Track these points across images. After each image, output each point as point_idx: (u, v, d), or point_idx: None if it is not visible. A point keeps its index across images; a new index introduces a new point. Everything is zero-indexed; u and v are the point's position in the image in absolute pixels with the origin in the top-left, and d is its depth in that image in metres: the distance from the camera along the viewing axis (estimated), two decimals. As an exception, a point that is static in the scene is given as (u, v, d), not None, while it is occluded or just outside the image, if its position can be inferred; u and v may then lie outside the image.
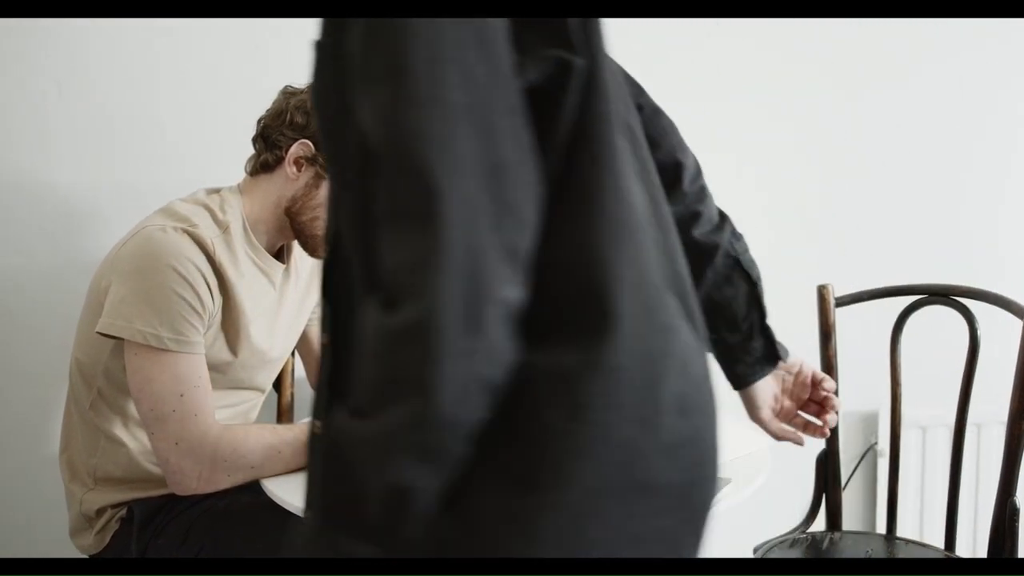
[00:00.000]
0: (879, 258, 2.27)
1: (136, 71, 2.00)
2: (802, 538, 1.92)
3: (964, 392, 1.85)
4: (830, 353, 1.95)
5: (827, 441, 1.98)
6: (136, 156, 2.02)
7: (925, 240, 2.30)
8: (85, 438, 1.63)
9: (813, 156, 2.26)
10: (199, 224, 1.54)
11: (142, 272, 1.47)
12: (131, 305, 1.46)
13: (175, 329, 1.46)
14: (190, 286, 1.48)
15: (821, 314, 1.96)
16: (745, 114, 2.22)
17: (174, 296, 1.46)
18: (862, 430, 2.35)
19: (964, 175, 2.30)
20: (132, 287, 1.47)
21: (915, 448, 2.32)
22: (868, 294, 1.97)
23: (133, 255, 1.50)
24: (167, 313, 1.46)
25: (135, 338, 1.45)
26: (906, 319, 1.92)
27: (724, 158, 2.22)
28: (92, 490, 1.62)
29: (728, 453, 1.53)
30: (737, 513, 1.41)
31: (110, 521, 1.62)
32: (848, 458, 2.30)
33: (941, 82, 2.26)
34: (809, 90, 2.23)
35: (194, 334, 1.49)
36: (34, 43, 1.97)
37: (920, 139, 2.28)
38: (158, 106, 2.02)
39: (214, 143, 2.01)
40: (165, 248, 1.48)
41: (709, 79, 2.19)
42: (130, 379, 1.48)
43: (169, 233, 1.50)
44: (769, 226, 2.27)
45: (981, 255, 2.31)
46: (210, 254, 1.53)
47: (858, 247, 2.28)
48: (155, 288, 1.46)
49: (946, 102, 2.27)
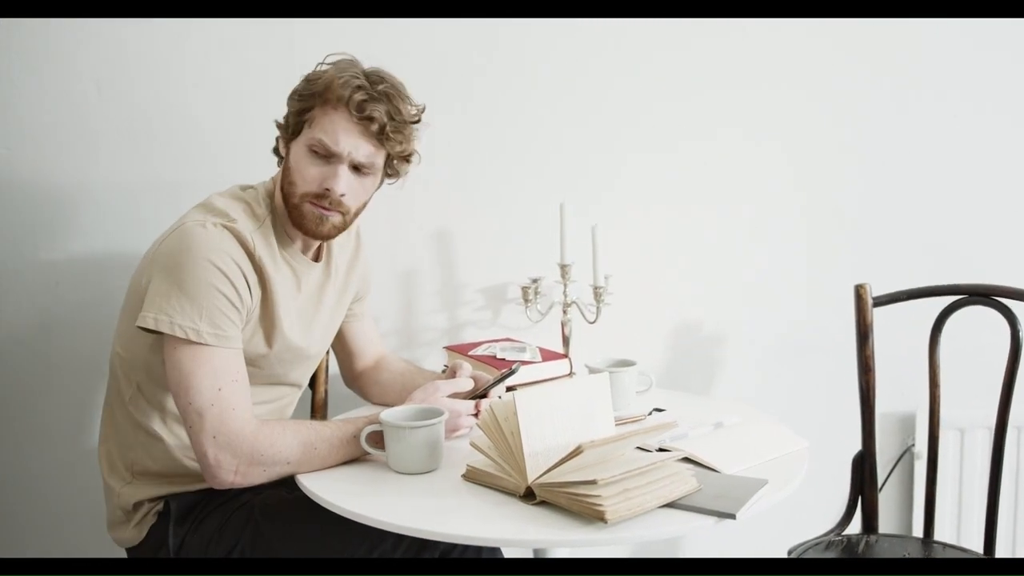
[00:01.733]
0: (918, 257, 2.24)
1: (173, 70, 2.03)
2: (837, 540, 1.90)
3: (1005, 394, 1.83)
4: (867, 353, 1.93)
5: (864, 442, 1.95)
6: (174, 154, 2.05)
7: (965, 239, 2.27)
8: (124, 432, 1.65)
9: (853, 155, 2.23)
10: (237, 219, 1.55)
11: (181, 267, 1.48)
12: (170, 300, 1.47)
13: (214, 324, 1.47)
14: (229, 281, 1.49)
15: (859, 313, 1.94)
16: (785, 114, 2.20)
17: (213, 291, 1.47)
18: (899, 431, 2.32)
19: (1007, 174, 2.26)
20: (171, 282, 1.48)
21: (953, 450, 2.28)
22: (906, 294, 1.94)
23: (172, 250, 1.51)
24: (206, 308, 1.47)
25: (174, 332, 1.46)
26: (946, 319, 1.89)
27: (764, 157, 2.22)
28: (129, 484, 1.64)
29: (765, 454, 1.53)
30: (773, 514, 1.39)
31: (147, 515, 1.64)
32: (885, 460, 2.27)
33: (982, 81, 2.23)
34: (850, 91, 2.20)
35: (232, 329, 1.50)
36: (74, 44, 1.99)
37: (961, 138, 2.24)
38: (194, 104, 2.04)
39: (250, 140, 2.02)
40: (204, 243, 1.49)
41: (752, 76, 2.17)
42: (169, 374, 1.49)
43: (208, 228, 1.51)
44: (808, 225, 2.25)
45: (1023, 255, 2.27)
46: (250, 249, 1.54)
47: (897, 246, 2.25)
48: (194, 283, 1.47)
49: (987, 101, 2.23)
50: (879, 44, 2.19)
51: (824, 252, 2.26)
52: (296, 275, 1.65)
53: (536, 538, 1.27)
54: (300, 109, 1.56)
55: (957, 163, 2.25)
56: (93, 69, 2.01)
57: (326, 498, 1.39)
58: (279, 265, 1.60)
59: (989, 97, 2.24)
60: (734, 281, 2.25)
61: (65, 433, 2.11)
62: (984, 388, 1.99)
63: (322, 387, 2.00)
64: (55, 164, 2.03)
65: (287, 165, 1.60)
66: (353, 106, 1.52)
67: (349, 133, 1.54)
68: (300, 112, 1.56)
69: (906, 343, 2.04)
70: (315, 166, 1.55)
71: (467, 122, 2.13)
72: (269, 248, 1.59)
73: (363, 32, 2.03)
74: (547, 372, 1.88)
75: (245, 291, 1.52)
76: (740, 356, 2.28)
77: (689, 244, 2.23)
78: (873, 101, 2.22)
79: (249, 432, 1.47)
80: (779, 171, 2.23)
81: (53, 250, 2.05)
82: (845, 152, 2.23)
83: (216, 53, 2.03)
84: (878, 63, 2.20)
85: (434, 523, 1.29)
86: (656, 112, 2.17)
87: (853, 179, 2.24)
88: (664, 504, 1.31)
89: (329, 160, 1.55)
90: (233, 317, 1.50)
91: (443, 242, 2.17)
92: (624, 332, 2.18)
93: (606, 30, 2.13)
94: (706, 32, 2.15)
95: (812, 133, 2.22)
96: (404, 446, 1.46)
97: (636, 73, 2.16)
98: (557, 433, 1.38)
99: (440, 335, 2.19)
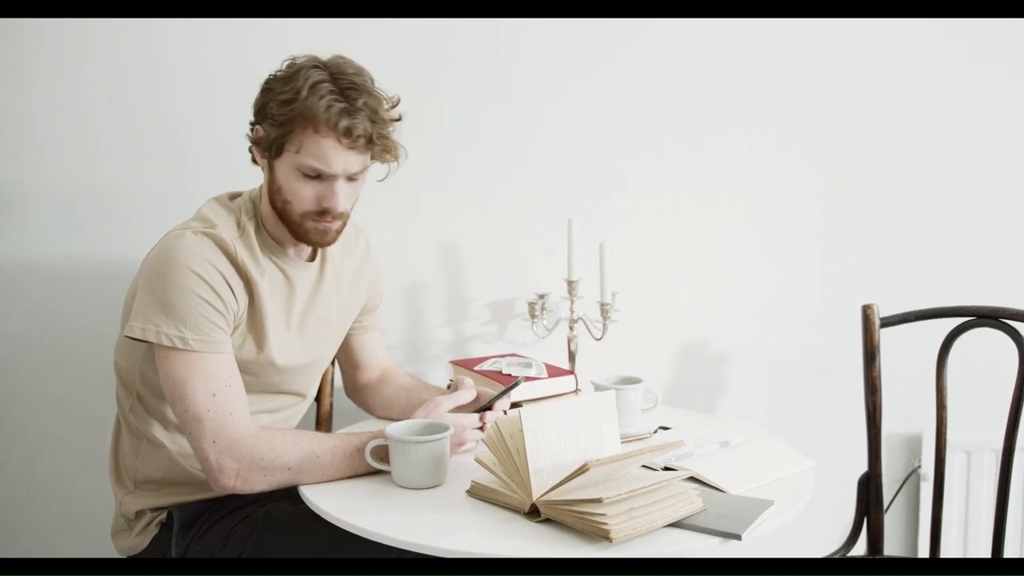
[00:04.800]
0: (926, 279, 2.24)
1: (181, 78, 2.03)
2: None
3: (1013, 416, 1.81)
4: (874, 374, 1.92)
5: (870, 463, 1.94)
6: (181, 161, 2.05)
7: (973, 262, 2.26)
8: (128, 441, 1.65)
9: (863, 175, 2.23)
10: (219, 225, 1.55)
11: (162, 276, 1.49)
12: (154, 309, 1.48)
13: (199, 331, 1.48)
14: (210, 287, 1.50)
15: (866, 334, 1.93)
16: (795, 133, 2.20)
17: (195, 298, 1.48)
18: (905, 452, 2.31)
19: (1015, 196, 2.26)
20: (154, 292, 1.49)
21: (960, 472, 2.27)
22: (915, 315, 1.94)
23: (155, 260, 1.52)
24: (190, 315, 1.47)
25: (161, 342, 1.47)
26: (953, 341, 1.88)
27: (773, 177, 2.21)
28: (132, 493, 1.64)
29: (771, 474, 1.52)
30: (778, 535, 1.38)
31: (149, 524, 1.64)
32: (891, 481, 2.26)
33: (993, 102, 2.23)
34: (860, 110, 2.20)
35: (220, 334, 1.50)
36: (80, 52, 2.00)
37: (971, 160, 2.24)
38: (202, 111, 2.04)
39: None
40: (184, 251, 1.50)
41: (762, 95, 2.18)
42: (163, 383, 1.50)
43: (187, 236, 1.52)
44: (817, 245, 2.25)
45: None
46: (231, 255, 1.54)
47: (905, 268, 2.25)
48: (176, 292, 1.48)
49: (998, 122, 2.23)
50: (892, 57, 2.19)
51: (832, 272, 2.25)
52: (288, 278, 1.65)
53: (539, 556, 1.26)
54: (281, 132, 1.52)
55: (968, 184, 2.25)
56: (101, 77, 2.01)
57: (329, 511, 1.39)
58: (266, 270, 1.60)
59: (1000, 118, 2.24)
60: (741, 299, 2.25)
61: (70, 441, 2.11)
62: (992, 410, 1.98)
63: (327, 400, 2.00)
64: (63, 171, 2.03)
65: (275, 183, 1.58)
66: (341, 132, 1.50)
67: (339, 153, 1.52)
68: (281, 134, 1.52)
69: (913, 364, 2.03)
70: (309, 186, 1.54)
71: (476, 137, 2.13)
72: (253, 255, 1.59)
73: (367, 37, 2.04)
74: (553, 388, 1.87)
75: (229, 296, 1.52)
76: (746, 375, 2.27)
77: (696, 262, 2.23)
78: (884, 121, 2.22)
79: (249, 435, 1.47)
80: (788, 190, 2.23)
81: (61, 257, 2.05)
82: (856, 172, 2.23)
83: (214, 61, 2.03)
84: (890, 76, 2.20)
85: (437, 539, 1.28)
86: (664, 128, 2.18)
87: (863, 199, 2.24)
88: (669, 523, 1.30)
89: (322, 179, 1.54)
90: (219, 323, 1.50)
91: (450, 256, 2.17)
92: (630, 349, 2.17)
93: (616, 33, 2.12)
94: (713, 41, 2.15)
95: (822, 152, 2.22)
96: (409, 461, 1.46)
97: (646, 85, 2.16)
98: (563, 450, 1.38)
99: (446, 349, 2.18)
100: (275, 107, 1.51)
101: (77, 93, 2.02)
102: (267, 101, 1.53)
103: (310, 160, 1.51)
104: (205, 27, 2.01)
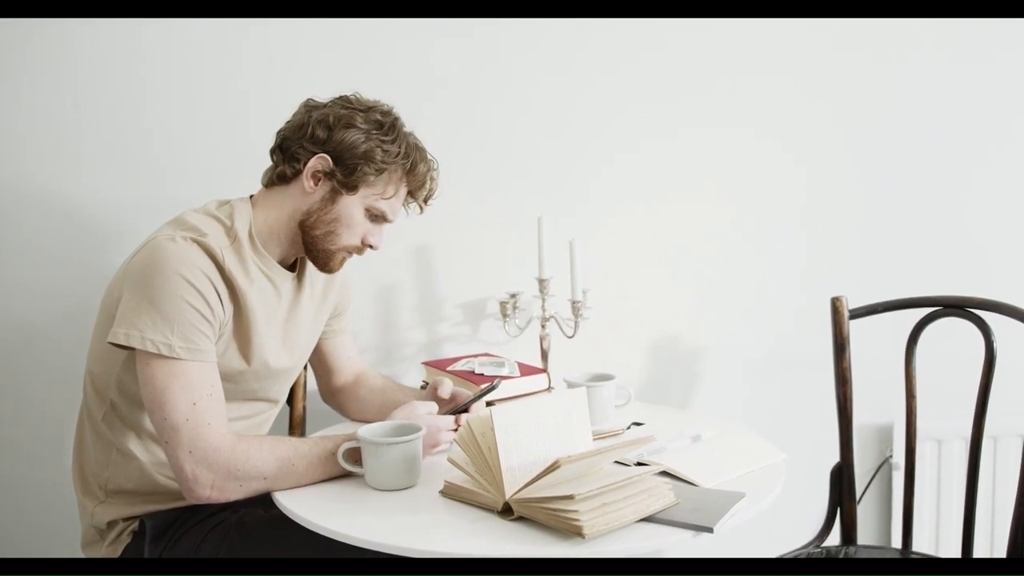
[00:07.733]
0: (893, 270, 2.26)
1: (154, 85, 2.02)
2: (817, 552, 1.90)
3: (981, 404, 1.84)
4: (844, 365, 1.94)
5: (842, 454, 1.96)
6: (151, 169, 2.04)
7: (940, 252, 2.29)
8: (97, 451, 1.63)
9: (825, 169, 2.25)
10: (208, 233, 1.54)
11: (151, 282, 1.47)
12: (141, 315, 1.46)
13: (186, 338, 1.46)
14: (200, 294, 1.49)
15: (835, 326, 1.95)
16: (762, 128, 2.22)
17: (184, 304, 1.47)
18: (877, 443, 2.33)
19: (980, 187, 2.29)
20: (142, 297, 1.47)
21: (931, 461, 2.30)
22: (883, 306, 1.95)
23: (143, 265, 1.50)
24: (178, 322, 1.46)
25: (146, 347, 1.45)
26: (921, 331, 1.90)
27: (742, 172, 2.23)
28: (103, 503, 1.63)
29: (743, 467, 1.53)
30: (752, 527, 1.39)
31: (122, 534, 1.62)
32: (863, 471, 2.28)
33: (956, 92, 2.25)
34: (822, 105, 2.22)
35: (205, 342, 1.49)
36: (52, 57, 1.98)
37: (935, 150, 2.26)
38: (173, 120, 2.03)
39: (231, 157, 2.02)
40: (174, 257, 1.49)
41: (731, 90, 2.19)
42: (143, 389, 1.48)
43: (178, 242, 1.51)
44: (782, 238, 2.26)
45: (997, 267, 2.29)
46: (220, 263, 1.53)
47: (872, 259, 2.27)
48: (165, 297, 1.46)
49: (962, 112, 2.26)
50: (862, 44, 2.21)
51: (799, 265, 2.27)
52: (276, 287, 1.65)
53: (514, 554, 1.26)
54: (377, 169, 1.60)
55: (933, 175, 2.27)
56: (72, 81, 1.99)
57: (303, 515, 1.38)
58: (254, 279, 1.59)
59: (963, 108, 2.26)
60: (712, 295, 2.26)
61: (40, 449, 2.09)
62: (960, 399, 2.00)
63: (300, 403, 1.99)
64: (30, 179, 2.01)
65: (326, 211, 1.62)
66: (425, 195, 1.72)
67: (402, 205, 1.71)
68: (377, 171, 1.60)
69: (883, 355, 2.05)
70: (365, 224, 1.65)
71: (446, 137, 2.12)
72: (242, 264, 1.58)
73: (342, 39, 2.03)
74: (525, 387, 1.88)
75: (217, 304, 1.52)
76: (718, 369, 2.28)
77: (667, 259, 2.24)
78: (842, 116, 2.24)
79: (225, 446, 1.46)
80: (757, 186, 2.24)
81: (30, 265, 2.03)
82: (817, 166, 2.25)
83: (195, 69, 2.02)
84: (848, 77, 2.22)
85: (411, 540, 1.28)
86: (633, 124, 2.18)
87: (827, 191, 2.26)
88: (642, 518, 1.31)
89: (377, 221, 1.67)
90: (206, 331, 1.49)
91: (421, 257, 2.16)
92: (603, 346, 2.18)
93: (583, 33, 2.13)
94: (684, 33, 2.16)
95: (792, 148, 2.24)
96: (381, 463, 1.45)
97: (613, 82, 2.17)
98: (534, 448, 1.38)
99: (418, 350, 2.18)
100: (380, 153, 1.60)
101: (52, 100, 1.99)
102: (361, 142, 1.59)
103: (384, 206, 1.64)
104: (181, 37, 2.00)
